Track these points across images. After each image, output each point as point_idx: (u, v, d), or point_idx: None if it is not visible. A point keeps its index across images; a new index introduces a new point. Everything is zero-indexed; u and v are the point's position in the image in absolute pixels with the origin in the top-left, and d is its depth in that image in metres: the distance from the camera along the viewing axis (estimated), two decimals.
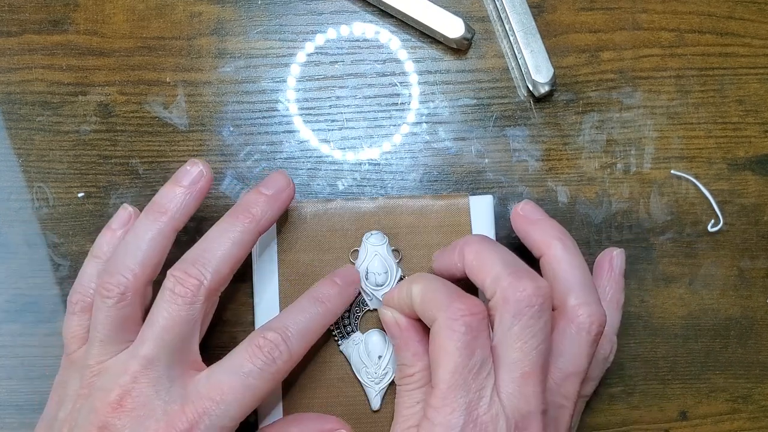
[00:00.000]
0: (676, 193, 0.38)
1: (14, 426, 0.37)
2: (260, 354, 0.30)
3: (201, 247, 0.31)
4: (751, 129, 0.39)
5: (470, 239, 0.32)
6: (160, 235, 0.31)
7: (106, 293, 0.30)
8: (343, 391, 0.35)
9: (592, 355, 0.31)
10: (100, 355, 0.31)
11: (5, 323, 0.37)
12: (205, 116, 0.38)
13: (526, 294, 0.28)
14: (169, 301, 0.30)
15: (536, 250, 0.33)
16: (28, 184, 0.38)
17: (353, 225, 0.36)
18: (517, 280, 0.29)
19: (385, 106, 0.39)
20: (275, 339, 0.30)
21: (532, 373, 0.28)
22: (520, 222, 0.34)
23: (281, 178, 0.33)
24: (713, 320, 0.38)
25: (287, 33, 0.39)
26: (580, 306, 0.31)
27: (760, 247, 0.38)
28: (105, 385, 0.30)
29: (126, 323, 0.31)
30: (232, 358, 0.30)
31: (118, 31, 0.39)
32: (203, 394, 0.29)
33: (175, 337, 0.30)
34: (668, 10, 0.39)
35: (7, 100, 0.38)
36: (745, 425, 0.38)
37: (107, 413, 0.29)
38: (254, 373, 0.29)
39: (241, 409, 0.29)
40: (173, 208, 0.32)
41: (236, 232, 0.31)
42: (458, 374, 0.28)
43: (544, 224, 0.34)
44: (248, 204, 0.32)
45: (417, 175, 0.38)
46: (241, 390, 0.29)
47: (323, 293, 0.33)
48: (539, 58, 0.37)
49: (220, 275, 0.31)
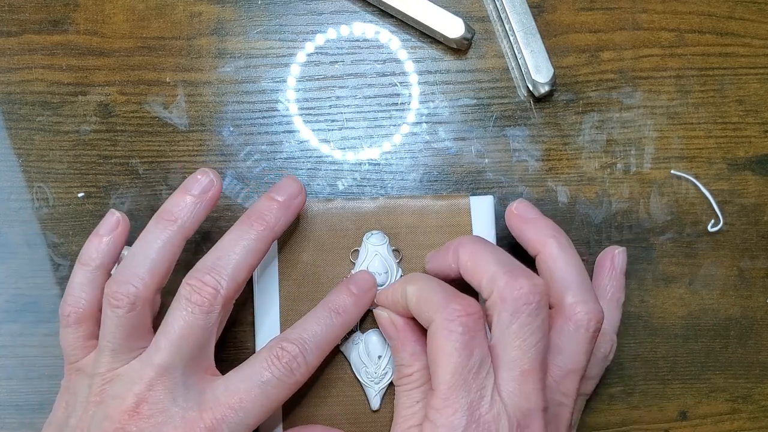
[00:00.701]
0: (676, 193, 0.38)
1: (14, 426, 0.37)
2: (279, 364, 0.30)
3: (215, 255, 0.31)
4: (751, 129, 0.39)
5: (464, 240, 0.32)
6: (169, 244, 0.31)
7: (116, 303, 0.30)
8: (342, 391, 0.35)
9: (591, 352, 0.31)
10: (111, 363, 0.30)
11: (5, 323, 0.37)
12: (205, 116, 0.38)
13: (523, 292, 0.28)
14: (185, 309, 0.30)
15: (531, 248, 0.33)
16: (28, 184, 0.38)
17: (354, 225, 0.36)
18: (513, 279, 0.29)
19: (385, 106, 0.39)
20: (294, 351, 0.30)
21: (531, 370, 0.28)
22: (515, 221, 0.34)
23: (293, 184, 0.33)
24: (713, 320, 0.38)
25: (287, 33, 0.39)
26: (578, 303, 0.31)
27: (760, 247, 0.38)
28: (119, 392, 0.29)
29: (136, 331, 0.31)
30: (250, 366, 0.30)
31: (118, 31, 0.39)
32: (222, 402, 0.29)
33: (192, 345, 0.30)
34: (668, 10, 0.39)
35: (7, 100, 0.38)
36: (745, 425, 0.38)
37: (123, 420, 0.29)
38: (272, 382, 0.30)
39: (257, 417, 0.30)
40: (183, 216, 0.32)
41: (250, 240, 0.31)
42: (458, 375, 0.28)
43: (539, 223, 0.34)
44: (261, 211, 0.32)
45: (417, 175, 0.38)
46: (259, 398, 0.29)
47: (340, 304, 0.33)
48: (539, 58, 0.37)
49: (235, 283, 0.31)
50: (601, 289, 0.35)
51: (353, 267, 0.36)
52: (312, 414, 0.35)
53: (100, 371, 0.30)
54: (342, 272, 0.36)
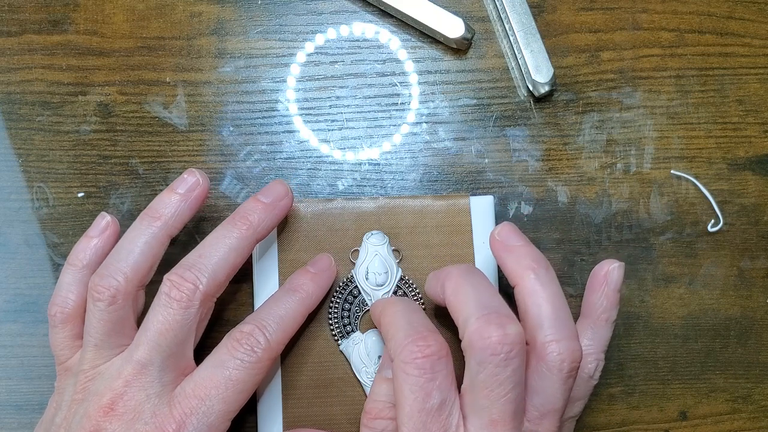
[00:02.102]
0: (676, 193, 0.38)
1: (14, 426, 0.37)
2: (239, 346, 0.30)
3: (198, 253, 0.31)
4: (751, 129, 0.39)
5: (452, 272, 0.31)
6: (153, 240, 0.32)
7: (98, 296, 0.31)
8: (342, 391, 0.35)
9: (569, 391, 0.29)
10: (94, 359, 0.31)
11: (5, 323, 0.37)
12: (205, 116, 0.38)
13: (491, 342, 0.27)
14: (164, 305, 0.30)
15: (511, 279, 0.31)
16: (28, 184, 0.38)
17: (353, 225, 0.36)
18: (484, 325, 0.27)
19: (385, 106, 0.39)
20: (252, 330, 0.30)
21: (501, 420, 0.27)
22: (496, 247, 0.32)
23: (280, 186, 0.34)
24: (713, 320, 0.38)
25: (287, 33, 0.39)
26: (551, 343, 0.29)
27: (760, 247, 0.38)
28: (98, 389, 0.30)
29: (119, 327, 0.31)
30: (213, 355, 0.31)
31: (118, 31, 0.39)
32: (188, 394, 0.29)
33: (170, 341, 0.30)
34: (668, 10, 0.39)
35: (7, 100, 0.38)
36: (745, 425, 0.38)
37: (99, 417, 0.29)
38: (234, 365, 0.30)
39: (226, 404, 0.29)
40: (167, 214, 0.32)
41: (233, 239, 0.32)
42: (415, 417, 0.27)
43: (520, 252, 0.31)
44: (246, 211, 0.32)
45: (417, 175, 0.38)
46: (223, 384, 0.29)
47: (296, 282, 0.33)
48: (539, 58, 0.37)
49: (216, 280, 0.31)
50: (591, 305, 0.34)
51: (353, 267, 0.36)
52: (312, 414, 0.35)
53: (84, 368, 0.31)
54: (342, 272, 0.36)
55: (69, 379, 0.32)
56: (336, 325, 0.35)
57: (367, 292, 0.35)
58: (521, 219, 0.38)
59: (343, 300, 0.35)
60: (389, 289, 0.35)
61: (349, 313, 0.35)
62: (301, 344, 0.35)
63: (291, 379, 0.35)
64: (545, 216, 0.38)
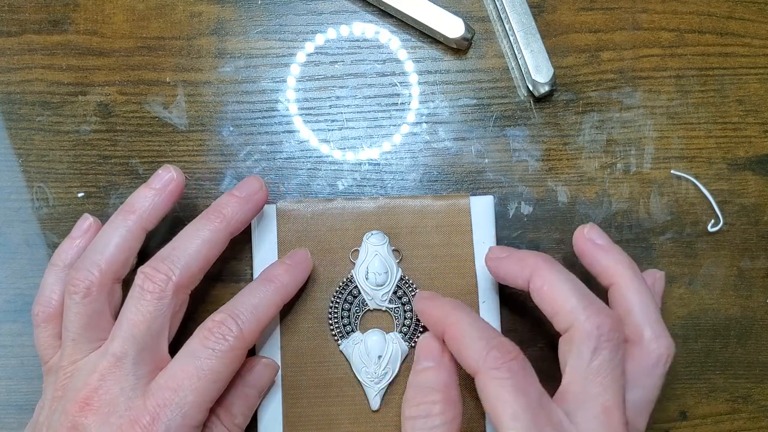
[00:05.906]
0: (676, 193, 0.38)
1: (14, 426, 0.37)
2: (210, 335, 0.30)
3: (171, 246, 0.32)
4: (751, 129, 0.39)
5: (540, 264, 0.31)
6: (128, 233, 0.32)
7: (73, 288, 0.31)
8: (342, 390, 0.35)
9: (661, 387, 0.31)
10: (72, 354, 0.31)
11: (5, 323, 0.37)
12: (205, 116, 0.38)
13: (605, 330, 0.28)
14: (137, 297, 0.31)
15: (605, 278, 0.33)
16: (28, 184, 0.38)
17: (353, 225, 0.36)
18: (595, 315, 0.29)
19: (385, 106, 0.39)
20: (223, 319, 0.31)
21: (614, 406, 0.28)
22: (587, 246, 0.33)
23: (254, 181, 0.34)
24: (713, 320, 0.38)
25: (287, 33, 0.39)
26: (657, 339, 0.31)
27: (760, 247, 0.38)
28: (76, 385, 0.30)
29: (95, 320, 0.31)
30: (186, 346, 0.31)
31: (118, 31, 0.39)
32: (162, 386, 0.30)
33: (144, 333, 0.30)
34: (668, 10, 0.39)
35: (7, 100, 0.38)
36: (745, 425, 0.38)
37: (75, 413, 0.29)
38: (206, 354, 0.30)
39: (200, 394, 0.29)
40: (142, 208, 0.33)
41: (206, 231, 0.32)
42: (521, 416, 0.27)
43: (613, 251, 0.33)
44: (220, 205, 0.33)
45: (417, 175, 0.38)
46: (195, 374, 0.29)
47: (270, 272, 0.33)
48: (539, 58, 0.37)
49: (188, 272, 0.31)
50: None
51: (353, 267, 0.36)
52: (312, 414, 0.35)
53: (63, 364, 0.31)
54: (342, 272, 0.36)
55: (50, 378, 0.32)
56: (336, 325, 0.35)
57: (367, 292, 0.35)
58: (521, 219, 0.38)
59: (343, 300, 0.35)
60: (389, 289, 0.35)
61: (349, 313, 0.35)
62: (301, 344, 0.35)
63: (291, 379, 0.35)
64: (545, 216, 0.38)
